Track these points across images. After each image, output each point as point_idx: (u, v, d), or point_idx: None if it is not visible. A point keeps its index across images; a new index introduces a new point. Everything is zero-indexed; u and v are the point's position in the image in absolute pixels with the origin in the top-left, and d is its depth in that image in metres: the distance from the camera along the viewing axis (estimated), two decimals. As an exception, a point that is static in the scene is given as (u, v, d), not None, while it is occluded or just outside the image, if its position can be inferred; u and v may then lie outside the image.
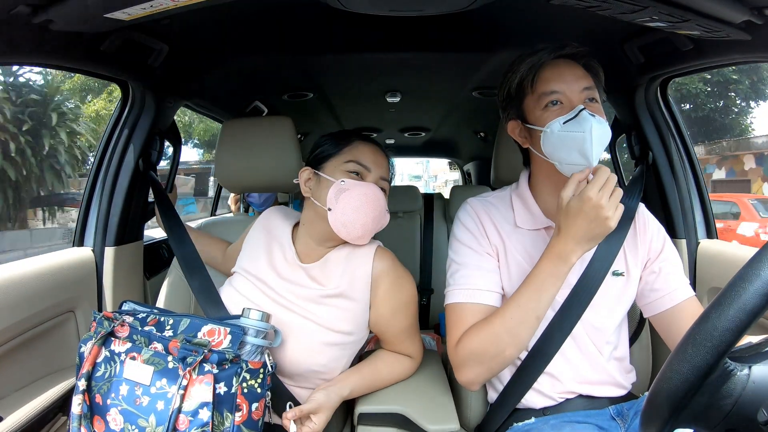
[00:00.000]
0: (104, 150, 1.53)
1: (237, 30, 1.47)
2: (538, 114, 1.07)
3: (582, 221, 0.95)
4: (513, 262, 1.11)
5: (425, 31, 1.50)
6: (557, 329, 1.05)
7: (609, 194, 0.94)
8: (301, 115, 2.81)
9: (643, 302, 1.14)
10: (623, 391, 1.13)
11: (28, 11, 0.90)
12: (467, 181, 4.82)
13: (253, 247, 1.25)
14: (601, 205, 0.93)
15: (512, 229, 1.13)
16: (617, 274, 1.11)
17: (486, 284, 1.08)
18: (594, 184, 0.94)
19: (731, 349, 0.51)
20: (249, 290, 1.17)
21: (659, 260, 1.12)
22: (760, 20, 0.92)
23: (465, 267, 1.11)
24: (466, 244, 1.13)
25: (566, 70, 1.07)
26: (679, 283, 1.10)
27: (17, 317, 1.16)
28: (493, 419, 1.13)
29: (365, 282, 1.15)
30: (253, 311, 0.96)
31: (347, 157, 1.17)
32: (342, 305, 1.14)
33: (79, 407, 0.89)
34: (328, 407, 1.06)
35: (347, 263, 1.16)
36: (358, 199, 1.10)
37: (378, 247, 1.21)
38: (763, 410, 0.51)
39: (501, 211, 1.16)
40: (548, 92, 1.06)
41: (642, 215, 1.18)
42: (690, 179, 1.54)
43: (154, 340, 0.91)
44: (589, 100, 1.06)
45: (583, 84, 1.06)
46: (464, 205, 1.20)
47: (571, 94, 1.05)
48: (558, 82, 1.05)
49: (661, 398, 0.54)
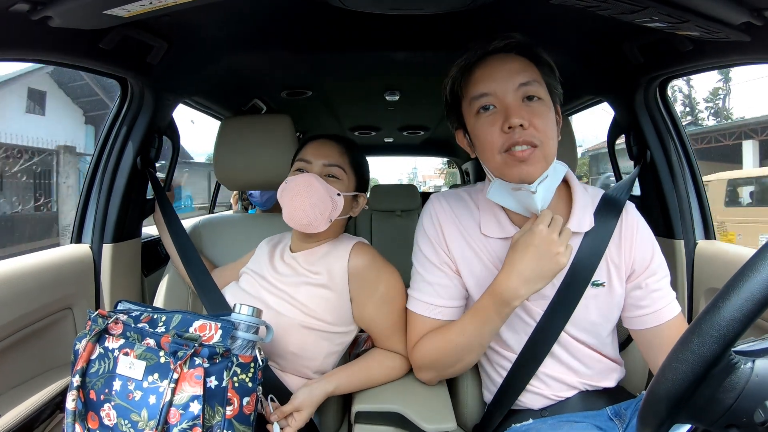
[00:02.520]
0: (102, 147, 1.53)
1: (236, 27, 1.47)
2: (472, 122, 0.99)
3: (531, 256, 0.92)
4: (479, 268, 1.08)
5: (425, 29, 1.50)
6: (541, 337, 1.05)
7: (558, 230, 0.93)
8: (300, 113, 2.81)
9: (626, 315, 1.08)
10: (619, 375, 1.13)
11: (27, 8, 0.90)
12: (466, 180, 4.83)
13: (262, 251, 1.33)
14: (552, 239, 0.91)
15: (478, 235, 1.08)
16: (597, 285, 1.04)
17: (442, 301, 1.09)
18: (542, 219, 0.93)
19: (737, 341, 0.51)
20: (249, 285, 1.25)
21: (646, 274, 1.04)
22: (760, 22, 0.92)
23: (424, 281, 1.11)
24: (426, 256, 1.11)
25: (497, 66, 0.97)
26: (666, 300, 1.04)
27: (14, 314, 1.16)
28: (491, 420, 1.14)
29: (342, 276, 1.19)
30: (244, 306, 0.97)
31: (297, 159, 1.25)
32: (323, 295, 1.18)
33: (74, 403, 0.89)
34: (309, 404, 1.07)
35: (327, 257, 1.21)
36: (292, 190, 1.17)
37: (356, 243, 1.23)
38: (759, 411, 0.50)
39: (469, 211, 1.11)
40: (477, 95, 0.97)
41: (631, 218, 1.08)
42: (688, 180, 1.54)
43: (147, 335, 0.92)
44: (527, 99, 0.96)
45: (518, 80, 0.95)
46: (428, 205, 1.15)
47: (504, 94, 0.95)
48: (487, 82, 0.96)
49: (663, 389, 0.53)
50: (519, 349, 1.07)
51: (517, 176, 0.94)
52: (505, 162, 0.95)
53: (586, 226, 1.04)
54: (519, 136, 0.92)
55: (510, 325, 1.04)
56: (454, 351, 1.06)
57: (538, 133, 0.93)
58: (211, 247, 1.58)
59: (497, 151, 0.95)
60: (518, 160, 0.93)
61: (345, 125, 3.49)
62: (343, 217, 1.22)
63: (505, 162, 0.95)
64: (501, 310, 0.96)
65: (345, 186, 1.22)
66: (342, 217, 1.22)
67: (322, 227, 1.17)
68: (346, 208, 1.22)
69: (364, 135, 3.81)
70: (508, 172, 0.95)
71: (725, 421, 0.52)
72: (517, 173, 0.94)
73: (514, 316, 1.01)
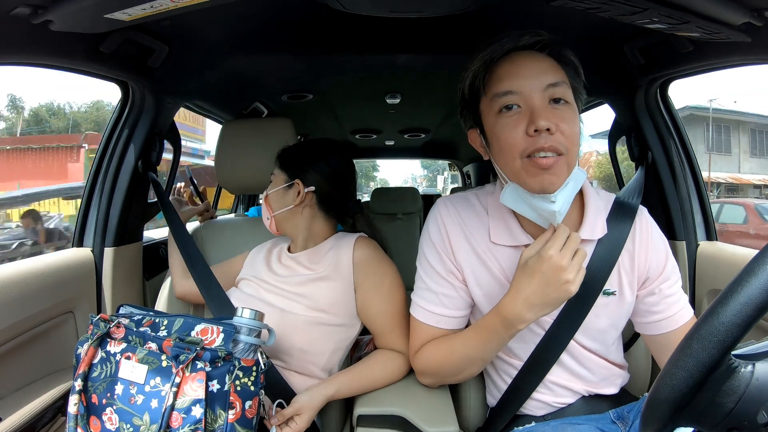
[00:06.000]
0: (104, 150, 1.54)
1: (237, 31, 1.47)
2: (492, 121, 0.92)
3: (537, 283, 0.86)
4: (488, 277, 1.03)
5: (425, 32, 1.50)
6: (549, 346, 1.02)
7: (571, 255, 0.85)
8: (301, 116, 2.81)
9: (639, 320, 1.05)
10: (623, 381, 1.12)
11: (27, 12, 0.90)
12: (467, 183, 4.82)
13: (256, 258, 1.38)
14: (562, 266, 0.84)
15: (487, 244, 1.02)
16: (608, 293, 1.00)
17: (446, 311, 1.06)
18: (555, 241, 0.86)
19: (736, 345, 0.50)
20: (251, 289, 1.28)
21: (660, 279, 1.01)
22: (760, 22, 0.92)
23: (428, 289, 1.07)
24: (431, 264, 1.06)
25: (525, 63, 0.90)
26: (680, 305, 1.01)
27: (17, 317, 1.16)
28: (493, 424, 1.13)
29: (348, 265, 1.23)
30: (246, 310, 0.97)
31: None
32: (328, 286, 1.22)
33: (76, 407, 0.89)
34: (310, 407, 1.07)
35: (332, 252, 1.26)
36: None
37: (360, 236, 1.29)
38: (763, 412, 0.50)
39: (478, 217, 1.05)
40: (501, 93, 0.89)
41: (646, 224, 1.04)
42: (690, 181, 1.54)
43: (149, 339, 0.92)
44: (554, 102, 0.88)
45: (546, 80, 0.88)
46: (434, 210, 1.09)
47: (531, 93, 0.87)
48: (513, 79, 0.89)
49: (663, 394, 0.53)
50: (526, 357, 1.05)
51: (539, 185, 0.87)
52: (525, 168, 0.88)
53: (599, 233, 0.99)
54: (545, 142, 0.85)
55: (518, 335, 0.98)
56: (457, 362, 1.04)
57: (565, 140, 0.86)
58: (212, 250, 1.58)
59: (518, 155, 0.87)
60: (540, 168, 0.86)
61: (346, 128, 3.48)
62: (287, 208, 1.29)
63: (525, 168, 0.88)
64: (506, 331, 0.93)
65: (273, 185, 1.33)
66: (286, 208, 1.29)
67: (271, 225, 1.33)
68: (287, 200, 1.30)
69: (365, 138, 3.81)
70: (528, 180, 0.88)
71: (727, 424, 0.52)
72: (539, 182, 0.86)
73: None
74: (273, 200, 1.32)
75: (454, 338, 1.05)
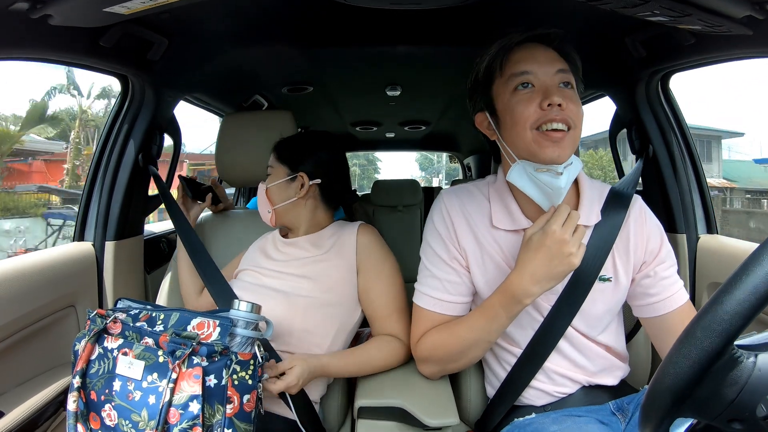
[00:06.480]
0: (104, 144, 1.53)
1: (236, 23, 1.47)
2: (507, 98, 1.00)
3: (543, 257, 0.92)
4: (489, 263, 1.08)
5: (426, 24, 1.50)
6: (548, 332, 1.05)
7: (572, 230, 0.92)
8: (302, 108, 2.80)
9: (636, 303, 1.09)
10: (623, 373, 1.14)
11: (26, 6, 0.90)
12: (468, 175, 4.82)
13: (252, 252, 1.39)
14: (564, 240, 0.90)
15: (488, 229, 1.08)
16: (604, 280, 1.05)
17: (450, 296, 1.09)
18: (557, 218, 0.92)
19: (740, 334, 0.50)
20: (251, 277, 1.30)
21: (656, 262, 1.06)
22: (762, 15, 0.91)
23: (432, 276, 1.10)
24: (436, 252, 1.10)
25: (538, 51, 1.01)
26: (676, 287, 1.05)
27: (18, 312, 1.16)
28: (493, 415, 1.14)
29: (351, 247, 1.28)
30: (243, 303, 0.96)
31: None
32: (332, 265, 1.26)
33: (75, 404, 0.90)
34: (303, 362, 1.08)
35: (335, 237, 1.31)
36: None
37: (362, 224, 1.34)
38: (762, 405, 0.50)
39: (479, 205, 1.11)
40: (518, 72, 0.99)
41: (639, 211, 1.10)
42: (690, 174, 1.54)
43: (145, 335, 0.92)
44: (564, 85, 0.99)
45: (557, 66, 0.99)
46: (438, 201, 1.15)
47: (544, 76, 0.98)
48: (529, 63, 0.99)
49: (666, 383, 0.53)
50: (525, 343, 1.07)
51: (549, 156, 0.94)
52: (536, 140, 0.95)
53: (594, 219, 1.05)
54: (556, 114, 0.94)
55: (517, 321, 1.03)
56: (461, 346, 1.06)
57: (574, 116, 0.96)
58: (214, 242, 1.59)
59: (530, 126, 0.95)
60: (551, 140, 0.94)
61: (346, 121, 3.48)
62: (289, 200, 1.30)
63: (536, 140, 0.95)
64: (511, 308, 0.97)
65: (274, 178, 1.33)
66: (288, 201, 1.30)
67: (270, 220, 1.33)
68: (289, 193, 1.31)
69: (366, 130, 3.80)
70: (539, 151, 0.95)
71: (728, 415, 0.52)
72: (549, 153, 0.94)
73: (522, 311, 1.01)
74: (274, 193, 1.32)
75: (457, 322, 1.07)
